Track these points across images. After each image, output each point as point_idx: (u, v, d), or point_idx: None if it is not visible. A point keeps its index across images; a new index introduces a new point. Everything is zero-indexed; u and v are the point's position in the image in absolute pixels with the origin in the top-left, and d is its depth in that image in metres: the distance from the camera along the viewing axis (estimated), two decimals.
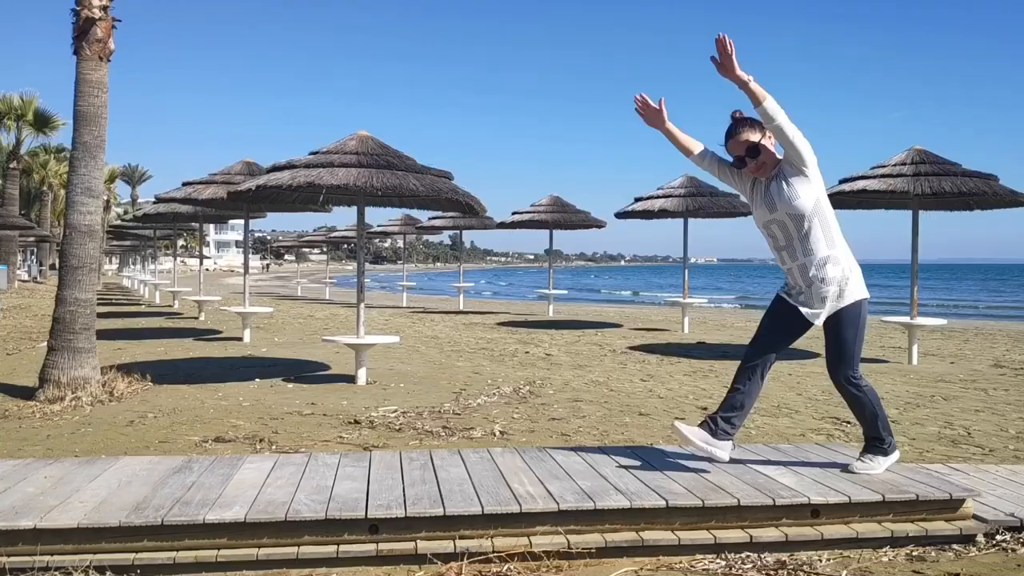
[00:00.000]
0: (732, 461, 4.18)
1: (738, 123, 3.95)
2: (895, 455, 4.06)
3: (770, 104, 3.70)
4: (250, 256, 22.50)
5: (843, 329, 3.89)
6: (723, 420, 3.99)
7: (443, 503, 3.46)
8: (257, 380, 8.45)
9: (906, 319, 10.91)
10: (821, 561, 3.41)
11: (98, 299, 9.91)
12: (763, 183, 3.94)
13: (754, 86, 3.71)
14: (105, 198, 27.07)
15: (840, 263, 3.87)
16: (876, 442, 4.02)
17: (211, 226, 68.90)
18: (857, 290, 3.90)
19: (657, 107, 4.04)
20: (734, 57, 3.70)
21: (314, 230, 66.98)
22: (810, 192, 3.82)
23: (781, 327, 4.03)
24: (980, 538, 3.60)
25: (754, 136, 3.89)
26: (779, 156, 3.92)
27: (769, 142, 3.89)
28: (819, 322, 3.92)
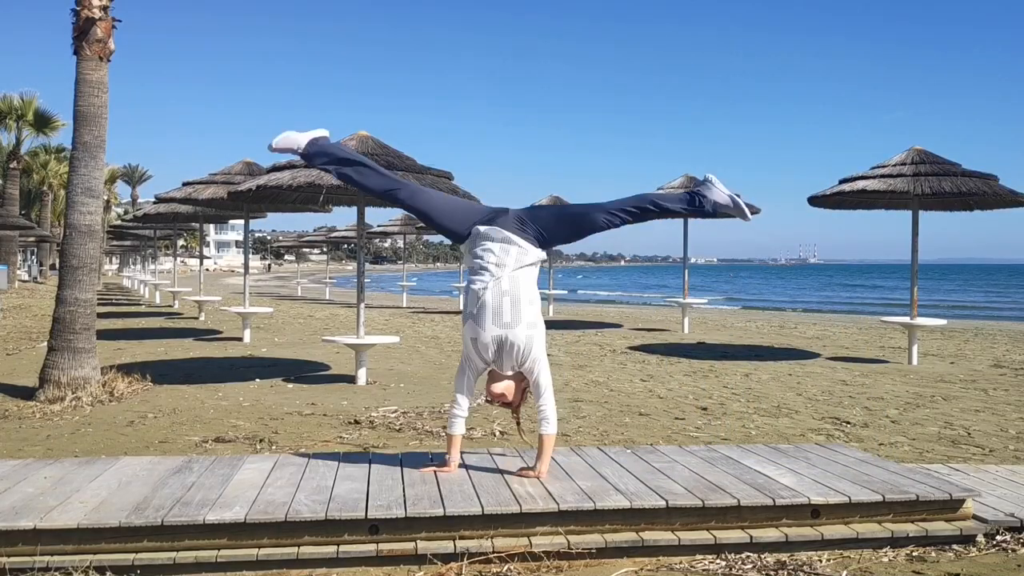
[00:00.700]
0: (732, 461, 4.18)
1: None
2: None
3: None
4: (250, 256, 22.50)
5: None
6: None
7: (443, 503, 3.46)
8: (257, 380, 8.45)
9: (906, 319, 10.92)
10: (821, 561, 3.41)
11: (98, 299, 9.91)
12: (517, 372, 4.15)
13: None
14: (105, 198, 27.08)
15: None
16: None
17: (211, 226, 68.91)
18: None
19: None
20: None
21: (314, 230, 66.84)
22: (533, 341, 4.03)
23: None
24: (980, 538, 3.60)
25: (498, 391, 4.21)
26: (507, 390, 4.19)
27: (509, 392, 4.18)
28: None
